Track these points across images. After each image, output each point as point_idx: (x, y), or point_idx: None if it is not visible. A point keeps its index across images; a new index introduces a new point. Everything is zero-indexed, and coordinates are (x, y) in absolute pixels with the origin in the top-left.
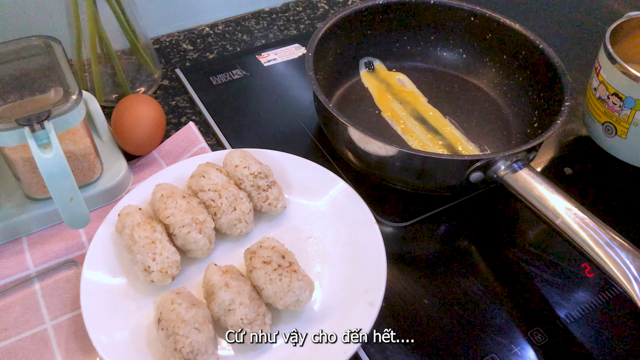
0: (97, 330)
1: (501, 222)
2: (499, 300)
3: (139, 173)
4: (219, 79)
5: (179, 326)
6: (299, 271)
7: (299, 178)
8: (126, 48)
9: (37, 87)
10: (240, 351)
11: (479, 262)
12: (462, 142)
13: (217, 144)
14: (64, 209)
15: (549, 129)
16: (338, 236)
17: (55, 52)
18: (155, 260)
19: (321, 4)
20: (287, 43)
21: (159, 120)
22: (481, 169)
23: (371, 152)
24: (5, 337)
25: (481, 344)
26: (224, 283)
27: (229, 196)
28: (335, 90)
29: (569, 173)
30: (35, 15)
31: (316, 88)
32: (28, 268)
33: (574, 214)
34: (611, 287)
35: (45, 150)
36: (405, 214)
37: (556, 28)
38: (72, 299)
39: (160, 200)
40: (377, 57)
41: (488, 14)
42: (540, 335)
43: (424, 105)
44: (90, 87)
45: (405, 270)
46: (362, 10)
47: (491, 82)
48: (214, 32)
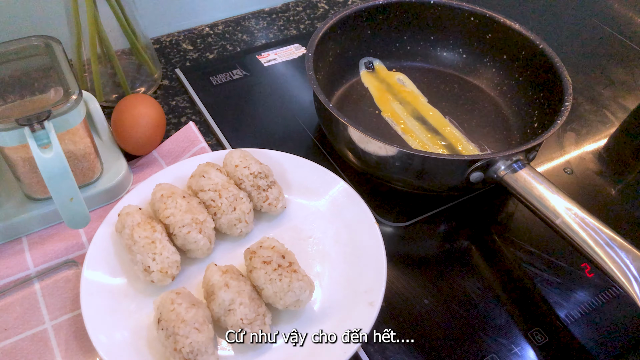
0: (97, 330)
1: (501, 222)
2: (499, 300)
3: (139, 173)
4: (219, 79)
5: (179, 326)
6: (299, 271)
7: (299, 178)
8: (126, 48)
9: (37, 87)
10: (240, 351)
11: (479, 262)
12: (462, 142)
13: (217, 144)
14: (64, 209)
15: (549, 129)
16: (338, 236)
17: (55, 52)
18: (155, 260)
19: (321, 4)
20: (287, 43)
21: (159, 120)
22: (481, 169)
23: (371, 152)
24: (5, 337)
25: (481, 344)
26: (224, 283)
27: (229, 196)
28: (335, 90)
29: (569, 173)
30: (35, 15)
31: (316, 88)
32: (28, 268)
33: (574, 214)
34: (611, 287)
35: (45, 150)
36: (405, 214)
37: (556, 28)
38: (72, 299)
39: (160, 200)
40: (377, 57)
41: (488, 14)
42: (540, 335)
43: (424, 105)
44: (90, 87)
45: (405, 270)
46: (362, 10)
47: (491, 82)
48: (214, 32)
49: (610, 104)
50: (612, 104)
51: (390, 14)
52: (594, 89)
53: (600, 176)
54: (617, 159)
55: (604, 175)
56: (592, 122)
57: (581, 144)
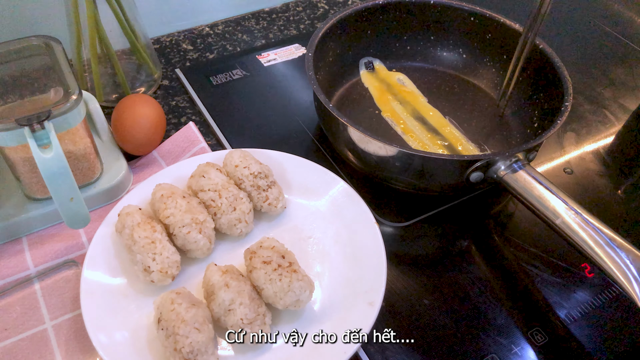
0: (97, 330)
1: (501, 222)
2: (499, 300)
3: (139, 173)
4: (219, 79)
5: (179, 326)
6: (299, 271)
7: (299, 178)
8: (126, 48)
9: (37, 87)
10: (240, 351)
11: (479, 262)
12: (462, 142)
13: (217, 144)
14: (64, 209)
15: (549, 129)
16: (338, 236)
17: (55, 52)
18: (155, 260)
19: (321, 4)
20: (287, 43)
21: (159, 120)
22: (481, 169)
23: (371, 152)
24: (5, 337)
25: (481, 344)
26: (224, 283)
27: (229, 196)
28: (335, 90)
29: (569, 173)
30: (35, 15)
31: (316, 88)
32: (28, 268)
33: (574, 214)
34: (611, 287)
35: (45, 150)
36: (405, 214)
37: (556, 28)
38: (72, 299)
39: (160, 200)
40: (377, 57)
41: (488, 14)
42: (540, 335)
43: (424, 105)
44: (90, 87)
45: (405, 270)
46: (362, 10)
47: (491, 82)
48: (214, 32)
49: (610, 104)
50: (612, 104)
51: (390, 14)
52: (594, 89)
53: (600, 176)
54: (618, 159)
55: (604, 175)
56: (592, 122)
57: (581, 144)
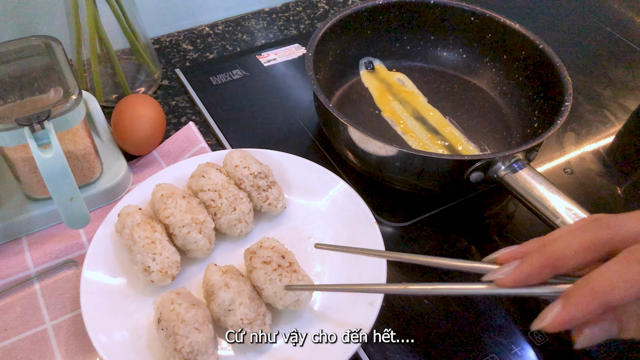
0: (97, 330)
1: (501, 222)
2: (499, 300)
3: (139, 173)
4: (219, 79)
5: (179, 326)
6: (299, 271)
7: (299, 178)
8: (126, 48)
9: (37, 87)
10: (240, 351)
11: None
12: (462, 142)
13: (217, 144)
14: (64, 209)
15: (549, 129)
16: (338, 236)
17: (55, 52)
18: (155, 260)
19: (321, 4)
20: (287, 43)
21: (158, 120)
22: (481, 169)
23: (371, 152)
24: (5, 337)
25: (481, 344)
26: (224, 283)
27: (229, 196)
28: (335, 90)
29: (569, 173)
30: (35, 15)
31: (316, 88)
32: (28, 268)
33: (574, 214)
34: None
35: (45, 150)
36: (405, 214)
37: (556, 28)
38: (72, 299)
39: (160, 200)
40: (377, 57)
41: (488, 14)
42: (540, 335)
43: (424, 105)
44: (90, 87)
45: (405, 270)
46: (362, 10)
47: (491, 82)
48: (214, 32)
49: (610, 104)
50: (612, 104)
51: (390, 14)
52: (594, 89)
53: (600, 176)
54: (618, 159)
55: (604, 175)
56: (592, 122)
57: (581, 144)
